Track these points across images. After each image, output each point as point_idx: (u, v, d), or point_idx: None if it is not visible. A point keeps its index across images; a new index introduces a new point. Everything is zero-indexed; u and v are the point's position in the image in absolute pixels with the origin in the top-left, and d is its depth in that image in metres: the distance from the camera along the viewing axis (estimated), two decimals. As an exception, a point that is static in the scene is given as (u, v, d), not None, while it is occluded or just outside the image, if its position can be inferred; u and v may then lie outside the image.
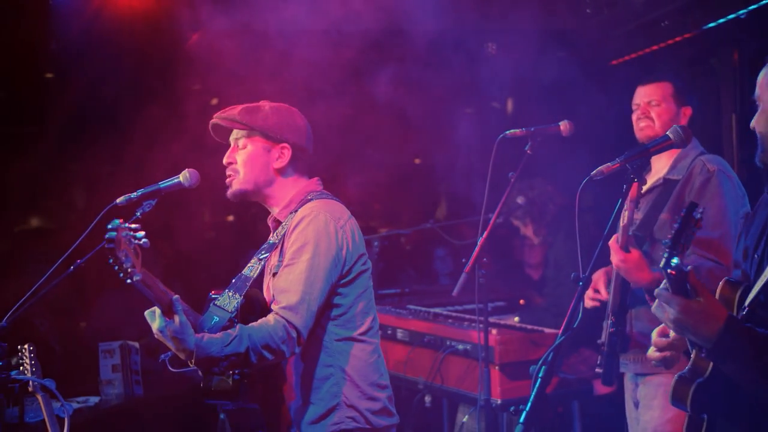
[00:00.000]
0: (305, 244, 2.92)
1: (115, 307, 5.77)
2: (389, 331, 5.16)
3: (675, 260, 2.05)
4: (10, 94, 5.65)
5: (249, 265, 3.05)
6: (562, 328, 2.56)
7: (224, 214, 7.33)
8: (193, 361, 2.71)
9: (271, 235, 3.15)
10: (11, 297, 3.04)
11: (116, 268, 2.50)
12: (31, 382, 3.42)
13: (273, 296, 2.96)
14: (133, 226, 2.54)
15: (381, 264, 5.63)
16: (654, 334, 2.53)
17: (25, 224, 6.65)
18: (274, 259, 3.05)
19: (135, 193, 3.00)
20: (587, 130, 4.26)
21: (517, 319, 5.19)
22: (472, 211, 5.09)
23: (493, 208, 4.00)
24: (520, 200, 5.14)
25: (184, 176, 3.03)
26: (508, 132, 3.98)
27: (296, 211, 3.04)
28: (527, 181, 5.25)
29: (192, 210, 6.55)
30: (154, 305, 2.69)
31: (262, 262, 3.03)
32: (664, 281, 2.13)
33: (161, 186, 3.03)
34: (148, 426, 4.99)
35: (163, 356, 3.00)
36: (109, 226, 2.49)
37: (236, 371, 2.84)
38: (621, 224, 3.44)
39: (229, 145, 3.16)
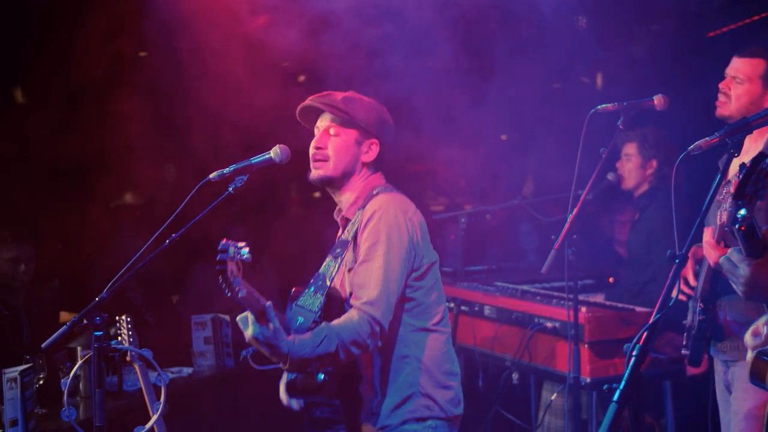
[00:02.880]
0: (378, 239, 2.98)
1: (207, 280, 5.90)
2: (476, 308, 5.15)
3: (742, 212, 1.95)
4: (106, 73, 5.79)
5: (325, 263, 3.11)
6: (657, 306, 2.50)
7: (311, 190, 7.40)
8: (287, 364, 2.77)
9: (340, 231, 3.21)
10: (107, 270, 3.13)
11: (224, 285, 2.59)
12: (129, 352, 3.53)
13: (350, 292, 3.03)
14: (239, 244, 2.60)
15: (468, 241, 5.60)
16: (748, 337, 2.44)
17: (119, 200, 6.85)
18: (348, 255, 3.09)
19: (227, 169, 3.03)
20: (682, 105, 4.14)
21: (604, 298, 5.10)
22: (560, 187, 5.02)
23: (583, 184, 3.95)
24: (610, 177, 5.03)
25: (275, 152, 3.05)
26: (599, 107, 3.90)
27: (363, 207, 3.09)
28: (640, 129, 5.02)
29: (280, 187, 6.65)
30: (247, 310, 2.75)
31: (338, 260, 3.08)
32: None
33: (252, 162, 3.06)
34: (240, 397, 5.11)
35: (244, 352, 3.07)
36: (219, 248, 2.56)
37: (322, 370, 2.90)
38: (718, 222, 3.31)
39: (310, 129, 3.21)
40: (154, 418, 3.33)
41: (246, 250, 2.60)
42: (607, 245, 6.16)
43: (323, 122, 3.16)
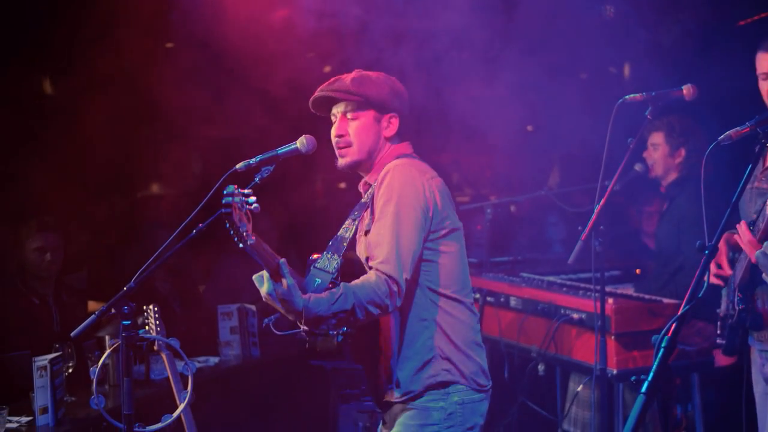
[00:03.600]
0: (391, 197, 2.97)
1: (233, 270, 5.93)
2: (502, 299, 5.14)
3: None
4: (132, 65, 5.82)
5: (344, 226, 3.12)
6: (686, 297, 2.48)
7: (337, 180, 7.40)
8: (302, 321, 2.78)
9: (363, 197, 3.22)
10: (134, 260, 3.15)
11: (232, 232, 2.58)
12: (156, 341, 3.56)
13: (367, 256, 3.03)
14: (245, 191, 2.60)
15: (493, 231, 5.59)
16: None
17: (146, 190, 6.88)
18: (365, 217, 3.10)
19: (254, 159, 3.03)
20: (712, 95, 4.09)
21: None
22: (586, 178, 4.98)
23: (610, 175, 3.92)
24: (638, 167, 4.98)
25: (301, 142, 3.05)
26: (627, 96, 3.87)
27: None
28: (667, 118, 4.97)
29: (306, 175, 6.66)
30: (263, 269, 2.76)
31: (356, 222, 3.10)
32: None
33: (279, 152, 3.05)
34: (266, 387, 5.14)
35: (266, 320, 3.08)
36: (225, 192, 2.56)
37: (340, 332, 2.90)
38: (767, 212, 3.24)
39: (328, 118, 3.21)
40: (181, 406, 3.35)
41: (253, 199, 2.60)
42: (635, 236, 6.12)
43: (338, 109, 3.17)
